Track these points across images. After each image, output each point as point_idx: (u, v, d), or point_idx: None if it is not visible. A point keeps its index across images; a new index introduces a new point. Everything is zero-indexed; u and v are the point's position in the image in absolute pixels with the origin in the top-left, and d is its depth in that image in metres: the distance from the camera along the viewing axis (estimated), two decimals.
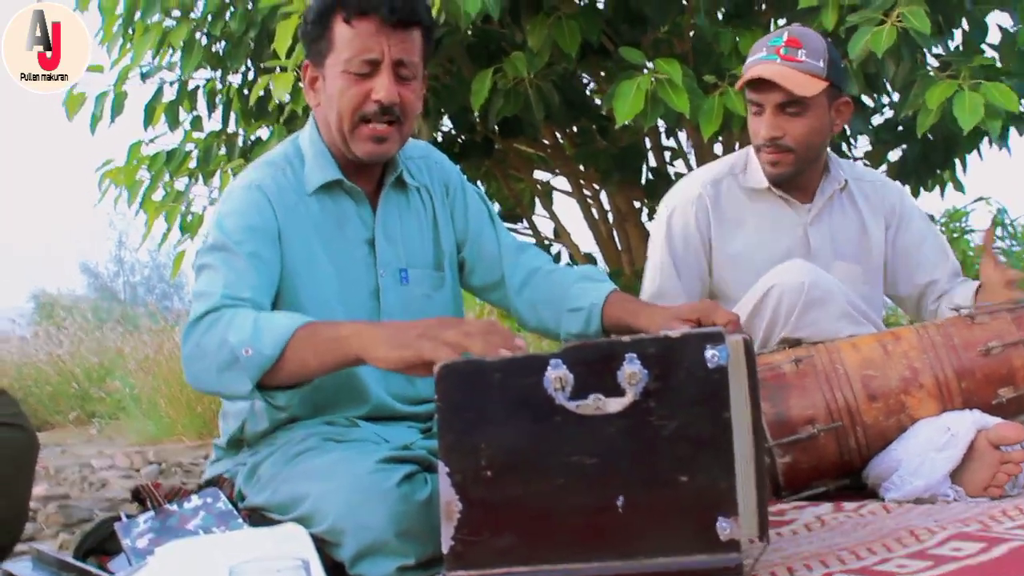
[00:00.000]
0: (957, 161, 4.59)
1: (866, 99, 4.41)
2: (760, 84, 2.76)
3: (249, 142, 4.54)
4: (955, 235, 5.79)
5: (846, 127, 4.34)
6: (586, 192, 4.94)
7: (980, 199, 5.71)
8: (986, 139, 4.25)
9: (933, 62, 3.65)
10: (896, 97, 4.46)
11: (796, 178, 2.87)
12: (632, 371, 1.63)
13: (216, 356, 1.98)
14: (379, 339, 1.86)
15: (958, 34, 4.04)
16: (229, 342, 1.96)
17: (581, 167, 4.81)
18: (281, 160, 2.31)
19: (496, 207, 4.92)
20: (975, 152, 4.49)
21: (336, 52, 2.21)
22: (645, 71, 3.53)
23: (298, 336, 1.94)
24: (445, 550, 1.66)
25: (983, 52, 3.88)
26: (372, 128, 2.22)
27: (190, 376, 2.07)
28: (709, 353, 1.62)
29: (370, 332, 1.89)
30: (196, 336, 2.03)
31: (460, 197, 2.49)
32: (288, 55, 3.59)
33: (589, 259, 4.99)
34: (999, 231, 5.72)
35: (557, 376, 1.64)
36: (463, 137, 4.55)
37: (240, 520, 2.18)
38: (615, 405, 1.63)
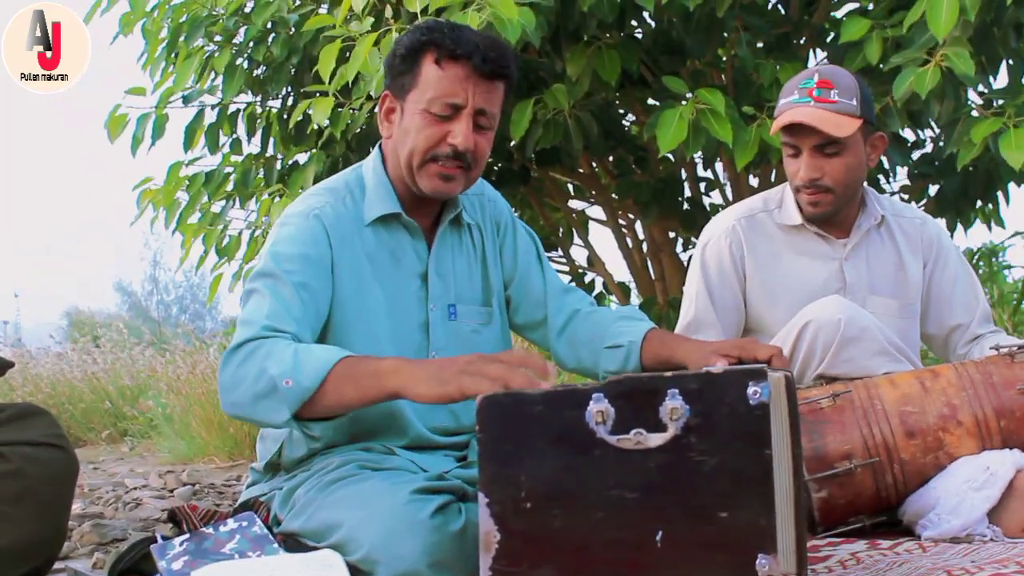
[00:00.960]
0: (999, 194, 4.56)
1: (906, 132, 4.39)
2: (796, 127, 2.76)
3: (287, 166, 4.57)
4: (994, 270, 5.75)
5: (883, 160, 4.33)
6: (621, 221, 4.95)
7: (1017, 234, 5.67)
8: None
9: (976, 99, 3.63)
10: (937, 131, 4.45)
11: (833, 215, 2.87)
12: (674, 406, 1.63)
13: (254, 385, 2.00)
14: (419, 377, 1.87)
15: (1003, 68, 4.01)
16: (269, 372, 1.97)
17: (616, 196, 4.82)
18: (342, 188, 2.33)
19: None
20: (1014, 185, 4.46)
21: (420, 90, 2.22)
22: (686, 101, 3.54)
23: (337, 370, 1.95)
24: None
25: None
26: (441, 166, 2.23)
27: (226, 404, 2.09)
28: (751, 390, 1.62)
29: (409, 369, 1.90)
30: (234, 364, 2.04)
31: (510, 235, 2.51)
32: (330, 80, 3.62)
33: (623, 288, 4.99)
34: None
35: (599, 410, 1.64)
36: (499, 165, 4.56)
37: (275, 545, 2.18)
38: (656, 440, 1.64)
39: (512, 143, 4.14)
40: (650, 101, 4.47)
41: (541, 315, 2.50)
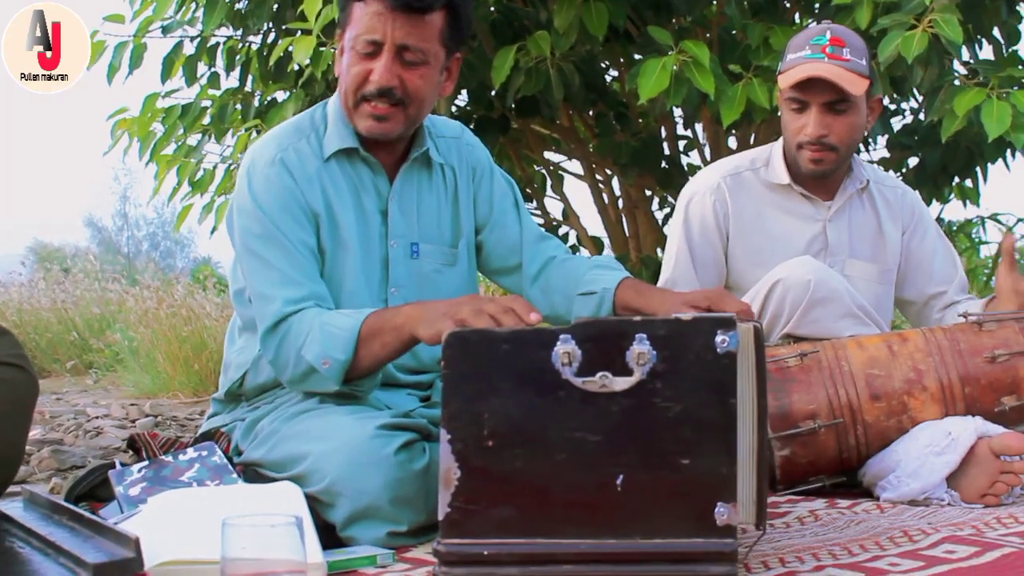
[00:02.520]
0: (978, 171, 4.56)
1: (886, 101, 4.38)
2: (809, 82, 2.74)
3: (265, 103, 4.52)
4: (965, 247, 5.76)
5: None
6: (598, 177, 4.93)
7: (993, 216, 5.66)
8: (1009, 150, 4.24)
9: (960, 69, 3.62)
10: (920, 101, 4.44)
11: (831, 174, 2.86)
12: (641, 351, 1.62)
13: (296, 368, 2.14)
14: (421, 318, 2.00)
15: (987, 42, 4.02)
16: (305, 358, 2.11)
17: (593, 151, 4.80)
18: (307, 125, 2.32)
19: None
20: (997, 163, 4.46)
21: (350, 28, 2.21)
22: (671, 52, 3.51)
23: (363, 334, 2.07)
24: (441, 517, 1.65)
25: (1019, 61, 3.86)
26: (373, 107, 2.21)
27: (284, 382, 2.22)
28: (719, 338, 1.61)
29: (416, 312, 2.03)
30: (273, 348, 2.16)
31: (487, 182, 2.49)
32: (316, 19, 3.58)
33: (596, 243, 4.98)
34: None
35: (565, 351, 1.64)
36: (479, 113, 4.53)
37: (234, 475, 2.19)
38: (621, 384, 1.63)
39: (493, 91, 4.11)
40: (633, 56, 4.44)
41: (515, 261, 2.49)
